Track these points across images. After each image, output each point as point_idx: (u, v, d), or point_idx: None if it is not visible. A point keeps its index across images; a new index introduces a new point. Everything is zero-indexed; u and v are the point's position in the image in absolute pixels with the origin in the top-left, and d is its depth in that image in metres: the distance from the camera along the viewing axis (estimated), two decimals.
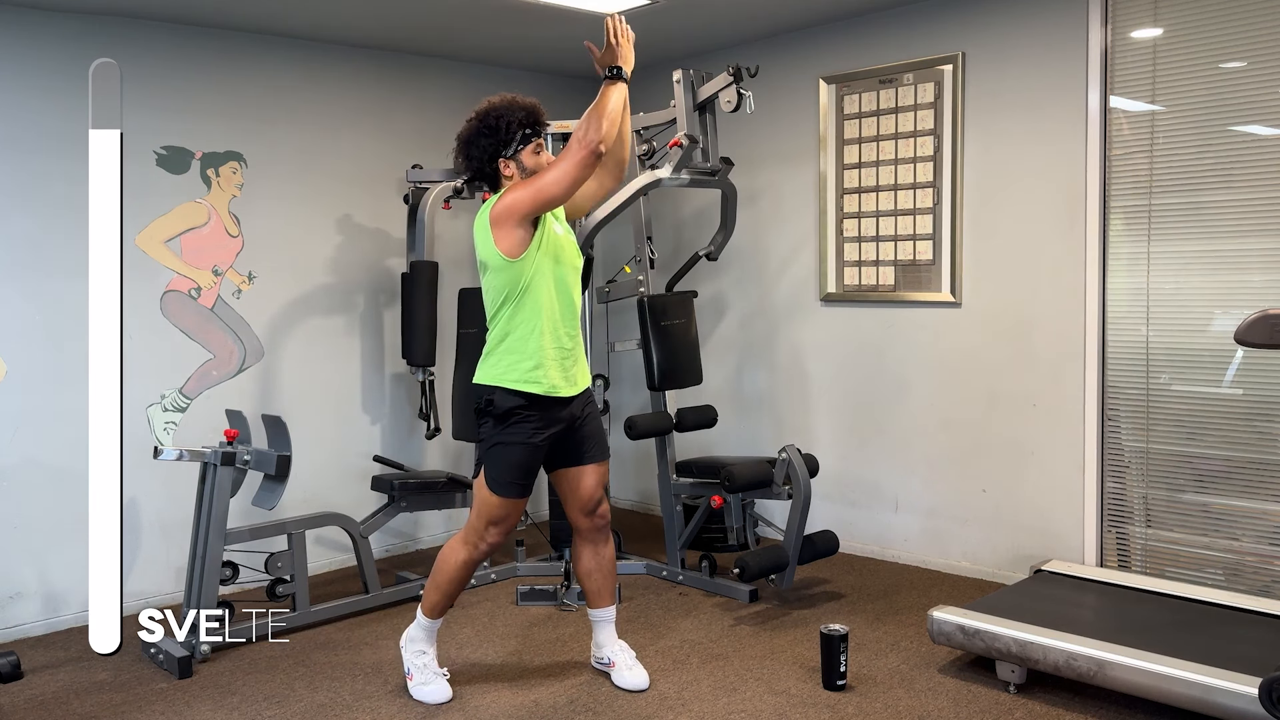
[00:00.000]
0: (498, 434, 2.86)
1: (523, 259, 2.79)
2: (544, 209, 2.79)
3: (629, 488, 5.40)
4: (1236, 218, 3.36)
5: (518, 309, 2.82)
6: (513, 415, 2.83)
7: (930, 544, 4.23)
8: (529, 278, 2.81)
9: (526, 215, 2.77)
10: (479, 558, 2.96)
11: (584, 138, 2.69)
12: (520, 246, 2.78)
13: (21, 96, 3.63)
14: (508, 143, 2.85)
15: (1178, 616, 3.09)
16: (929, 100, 4.08)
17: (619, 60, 2.79)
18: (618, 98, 2.76)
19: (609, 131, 2.72)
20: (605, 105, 2.72)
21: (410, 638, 3.05)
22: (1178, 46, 3.45)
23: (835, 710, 2.88)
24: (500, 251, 2.78)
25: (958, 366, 4.09)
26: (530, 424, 2.84)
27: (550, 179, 2.73)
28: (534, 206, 2.76)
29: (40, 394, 3.67)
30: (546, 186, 2.73)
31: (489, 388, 2.86)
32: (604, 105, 2.72)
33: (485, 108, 2.89)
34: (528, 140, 2.87)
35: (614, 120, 2.74)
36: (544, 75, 5.09)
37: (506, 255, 2.78)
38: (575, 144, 2.70)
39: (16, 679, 3.24)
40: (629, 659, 3.10)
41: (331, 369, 4.47)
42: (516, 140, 2.86)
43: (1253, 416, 3.37)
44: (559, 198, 2.75)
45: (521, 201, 2.75)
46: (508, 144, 2.85)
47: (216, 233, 4.10)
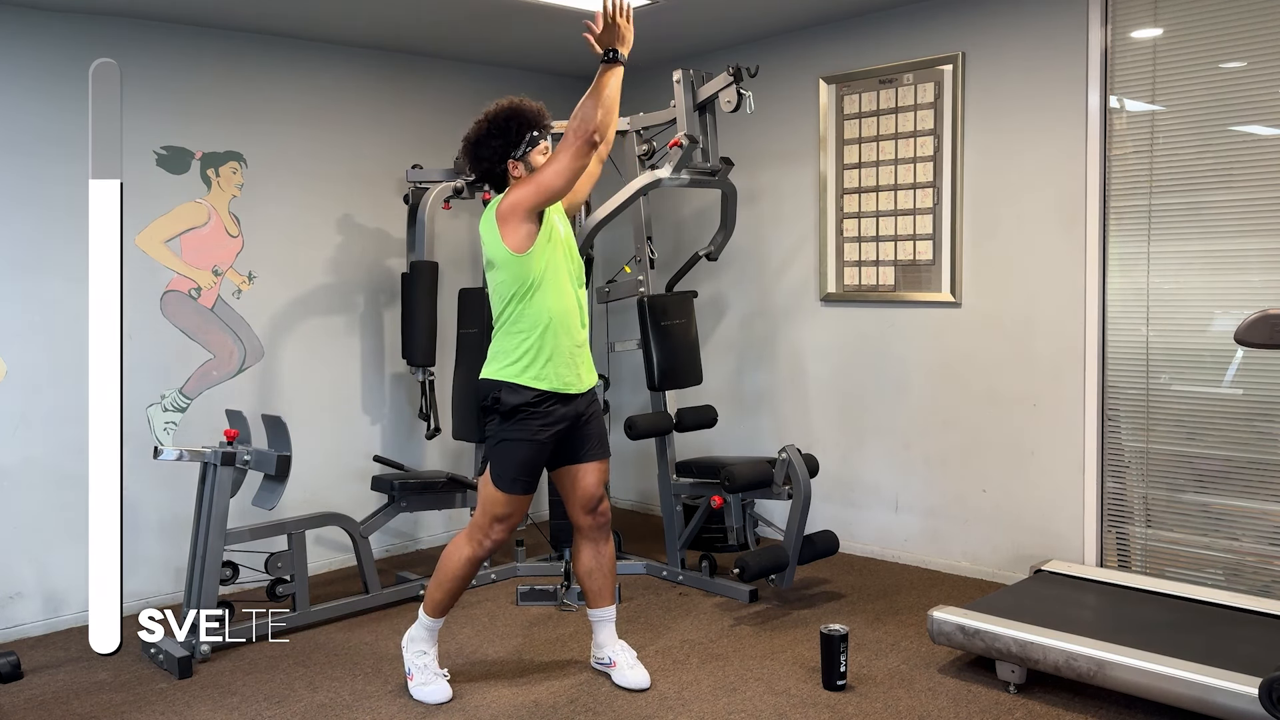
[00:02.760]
0: (503, 430, 2.88)
1: (530, 254, 2.81)
2: (548, 202, 2.80)
3: (629, 488, 5.40)
4: (1236, 218, 3.36)
5: (528, 305, 2.84)
6: (519, 411, 2.85)
7: (930, 544, 4.23)
8: (538, 273, 2.82)
9: (531, 209, 2.79)
10: (483, 555, 2.96)
11: (580, 126, 2.68)
12: (527, 241, 2.80)
13: (21, 97, 3.62)
14: (517, 144, 2.87)
15: (1178, 616, 3.08)
16: (929, 100, 4.08)
17: (617, 41, 2.74)
18: (615, 82, 2.74)
19: (605, 119, 2.71)
20: (602, 91, 2.71)
21: (411, 638, 3.05)
22: (1178, 46, 3.45)
23: (835, 710, 2.88)
24: (508, 247, 2.80)
25: (958, 366, 4.09)
26: (536, 420, 2.85)
27: (551, 172, 2.74)
28: (538, 200, 2.78)
29: (40, 394, 3.67)
30: (547, 179, 2.75)
31: (495, 383, 2.87)
32: (600, 91, 2.71)
33: (495, 110, 2.90)
34: (535, 142, 2.89)
35: (611, 107, 2.74)
36: (544, 75, 5.09)
37: (514, 250, 2.80)
38: (572, 133, 2.70)
39: (16, 679, 3.24)
40: (630, 659, 3.10)
41: (331, 369, 4.47)
42: (525, 142, 2.88)
43: (1253, 416, 3.37)
44: (561, 189, 2.77)
45: (525, 196, 2.78)
46: (517, 145, 2.87)
47: (216, 233, 4.10)
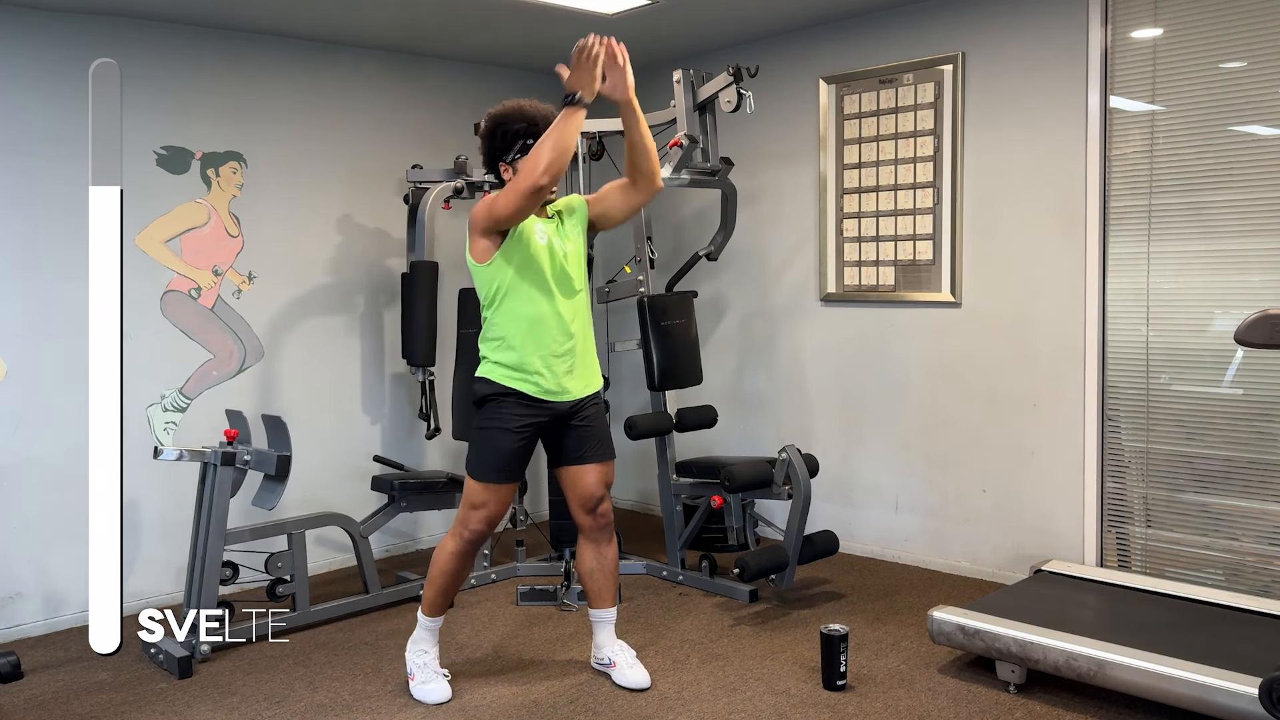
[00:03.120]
0: (478, 419, 2.94)
1: (490, 265, 2.84)
2: (498, 226, 2.79)
3: (629, 488, 5.40)
4: (1236, 218, 3.36)
5: (496, 311, 2.89)
6: (489, 400, 2.90)
7: (930, 544, 4.23)
8: (503, 283, 2.85)
9: (485, 228, 2.80)
10: (465, 547, 2.96)
11: (529, 174, 2.65)
12: (485, 254, 2.84)
13: (21, 97, 3.62)
14: (506, 150, 2.88)
15: (1178, 616, 3.08)
16: (929, 100, 4.07)
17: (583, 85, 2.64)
18: (574, 126, 2.66)
19: (553, 166, 2.64)
20: (555, 134, 2.65)
21: (414, 638, 3.07)
22: (1178, 46, 3.45)
23: (835, 710, 2.88)
24: (471, 256, 2.87)
25: (958, 366, 4.09)
26: (506, 410, 2.88)
27: (501, 201, 2.74)
28: (488, 222, 2.79)
29: (40, 394, 3.67)
30: (499, 208, 2.75)
31: (477, 376, 2.94)
32: (554, 133, 2.65)
33: (495, 112, 2.91)
34: (527, 150, 2.84)
35: (563, 150, 2.65)
36: (544, 75, 5.04)
37: (475, 260, 2.86)
38: (521, 176, 2.68)
39: (16, 679, 3.24)
40: (629, 658, 3.11)
41: (331, 369, 4.47)
42: (515, 149, 2.87)
43: (1253, 416, 3.37)
44: (509, 220, 2.76)
45: (479, 215, 2.81)
46: (506, 151, 2.88)
47: (216, 233, 4.10)
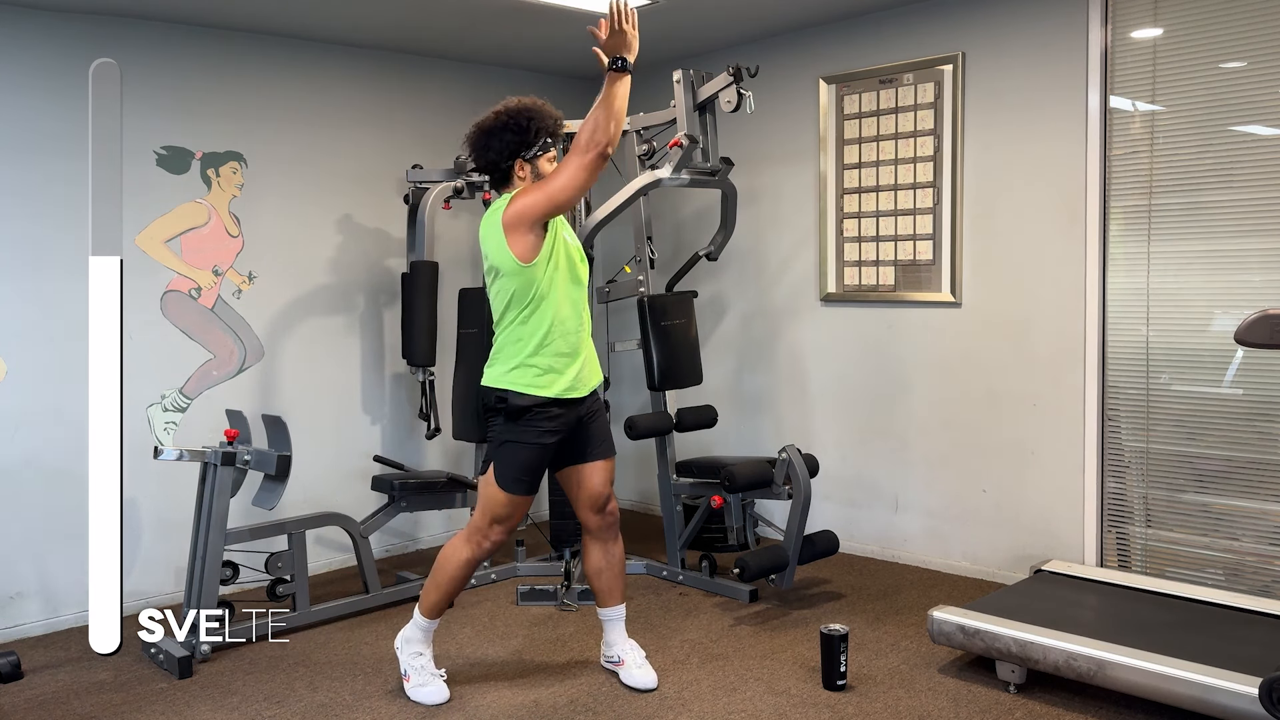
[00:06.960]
0: (509, 432, 2.86)
1: (535, 264, 2.78)
2: (557, 213, 2.78)
3: (629, 488, 5.39)
4: (1236, 218, 3.36)
5: (530, 314, 2.82)
6: (525, 414, 2.83)
7: (930, 544, 4.23)
8: (543, 283, 2.80)
9: (539, 219, 2.76)
10: (481, 556, 2.96)
11: (592, 139, 2.65)
12: (533, 251, 2.78)
13: (21, 97, 3.62)
14: (530, 145, 2.84)
15: (1178, 616, 3.08)
16: (929, 100, 4.07)
17: (624, 49, 2.68)
18: (624, 91, 2.69)
19: (616, 132, 2.68)
20: (613, 104, 2.66)
21: (406, 639, 3.04)
22: (1178, 46, 3.45)
23: (835, 710, 2.88)
24: (514, 256, 2.77)
25: (958, 366, 4.09)
26: (541, 425, 2.84)
27: (560, 183, 2.71)
28: (546, 210, 2.75)
29: (40, 394, 3.67)
30: (558, 191, 2.72)
31: (500, 390, 2.86)
32: (611, 104, 2.66)
33: (517, 105, 2.87)
34: (547, 148, 2.86)
35: (621, 119, 2.69)
36: (544, 75, 5.09)
37: (520, 260, 2.77)
38: (583, 145, 2.66)
39: (16, 679, 3.24)
40: (638, 658, 3.10)
41: (331, 369, 4.47)
42: (538, 146, 2.85)
43: (1253, 416, 3.37)
44: (571, 201, 2.74)
45: (535, 206, 2.74)
46: (530, 146, 2.84)
47: (216, 233, 4.10)
